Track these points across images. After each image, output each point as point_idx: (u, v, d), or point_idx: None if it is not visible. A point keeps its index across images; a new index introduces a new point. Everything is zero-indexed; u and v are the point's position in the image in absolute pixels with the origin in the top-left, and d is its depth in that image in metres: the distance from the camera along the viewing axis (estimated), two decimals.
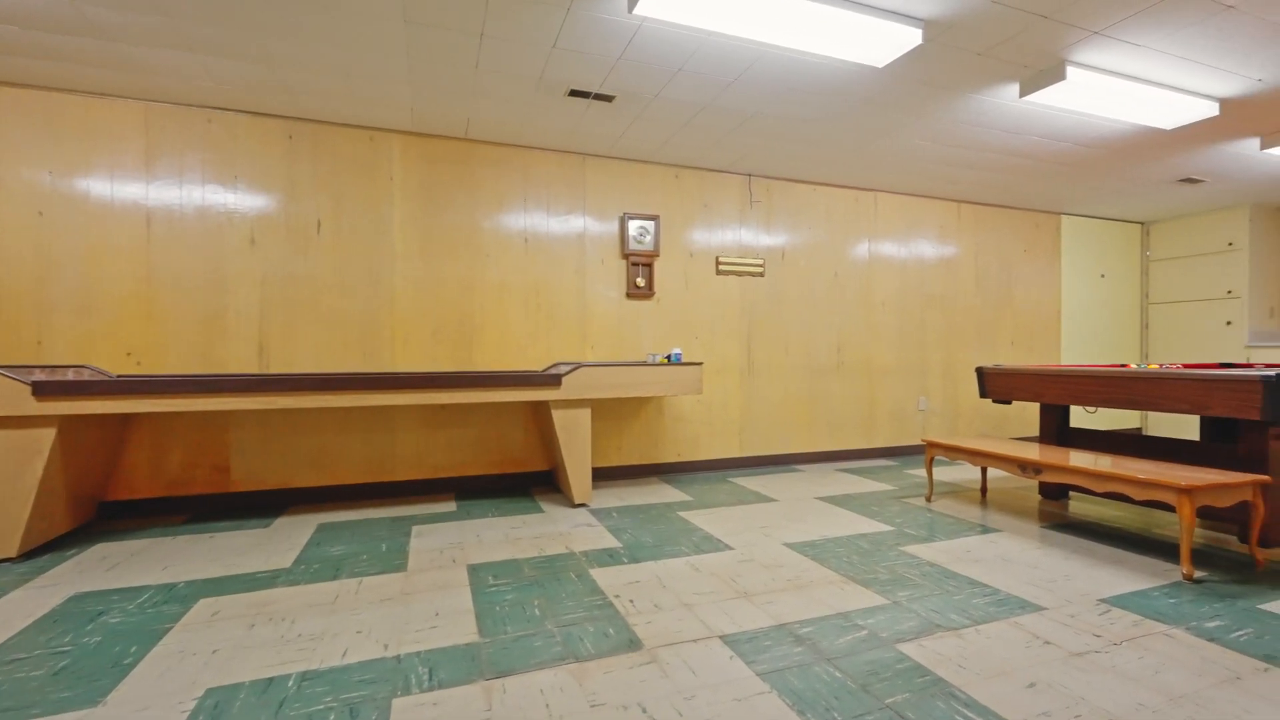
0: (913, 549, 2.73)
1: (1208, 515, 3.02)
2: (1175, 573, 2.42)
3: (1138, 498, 2.50)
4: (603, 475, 4.24)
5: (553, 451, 3.82)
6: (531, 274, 4.08)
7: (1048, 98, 3.07)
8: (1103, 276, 6.15)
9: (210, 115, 3.44)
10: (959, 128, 3.70)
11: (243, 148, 3.50)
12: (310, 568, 2.50)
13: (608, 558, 2.62)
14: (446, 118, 3.57)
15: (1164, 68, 2.91)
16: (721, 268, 4.57)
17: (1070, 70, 2.86)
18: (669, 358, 3.90)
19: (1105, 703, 1.52)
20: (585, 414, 3.46)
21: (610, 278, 4.27)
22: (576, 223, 4.19)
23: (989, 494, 3.80)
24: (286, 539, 2.88)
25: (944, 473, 4.50)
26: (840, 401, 4.98)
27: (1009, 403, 3.67)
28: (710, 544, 2.81)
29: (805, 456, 4.87)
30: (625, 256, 4.30)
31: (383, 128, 3.73)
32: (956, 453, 3.40)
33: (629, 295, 4.31)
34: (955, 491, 3.88)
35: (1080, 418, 6.05)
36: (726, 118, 3.56)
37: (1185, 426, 5.92)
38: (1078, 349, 6.02)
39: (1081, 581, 2.32)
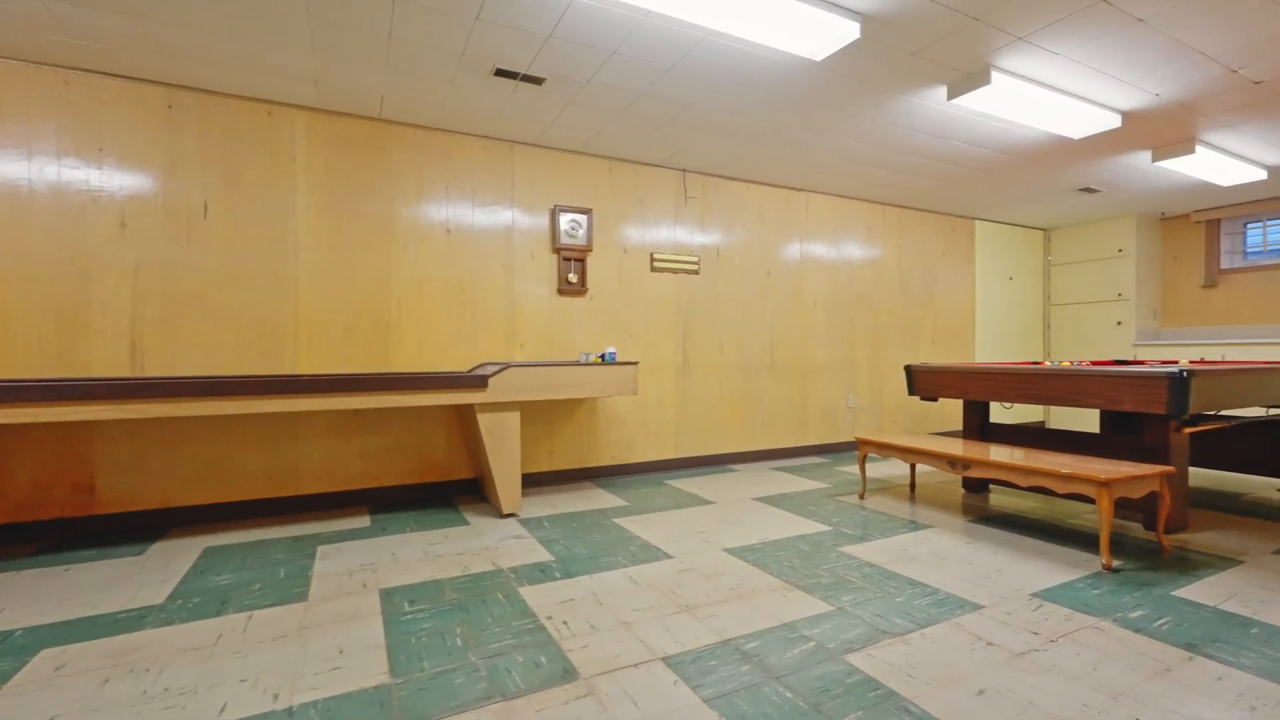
0: (851, 549, 2.70)
1: (1116, 504, 3.19)
2: (1095, 563, 2.51)
3: (1060, 491, 2.57)
4: (534, 482, 4.02)
5: (479, 458, 3.56)
6: (455, 268, 3.80)
7: (973, 102, 3.14)
8: (1011, 279, 6.53)
9: (67, 77, 2.95)
10: (889, 129, 3.76)
11: (111, 116, 3.03)
12: (189, 603, 2.15)
13: (539, 573, 2.43)
14: (358, 94, 3.24)
15: (1077, 78, 3.04)
16: (656, 265, 4.45)
17: (995, 75, 2.93)
18: (603, 357, 3.74)
19: (1052, 705, 1.49)
20: (514, 417, 3.24)
21: (541, 273, 4.06)
22: (504, 215, 3.94)
23: (917, 489, 3.89)
24: (162, 568, 2.49)
25: (874, 469, 4.59)
26: (774, 400, 4.99)
27: (935, 400, 3.76)
28: (648, 553, 2.67)
29: (740, 456, 4.84)
30: (556, 251, 4.10)
31: (284, 101, 3.35)
32: (889, 450, 3.43)
33: (560, 292, 4.11)
34: (886, 487, 3.95)
35: (996, 412, 6.40)
36: (662, 108, 3.44)
37: (1084, 420, 6.38)
38: (990, 347, 6.36)
39: (1012, 576, 2.36)
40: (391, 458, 3.59)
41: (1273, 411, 3.64)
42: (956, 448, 3.17)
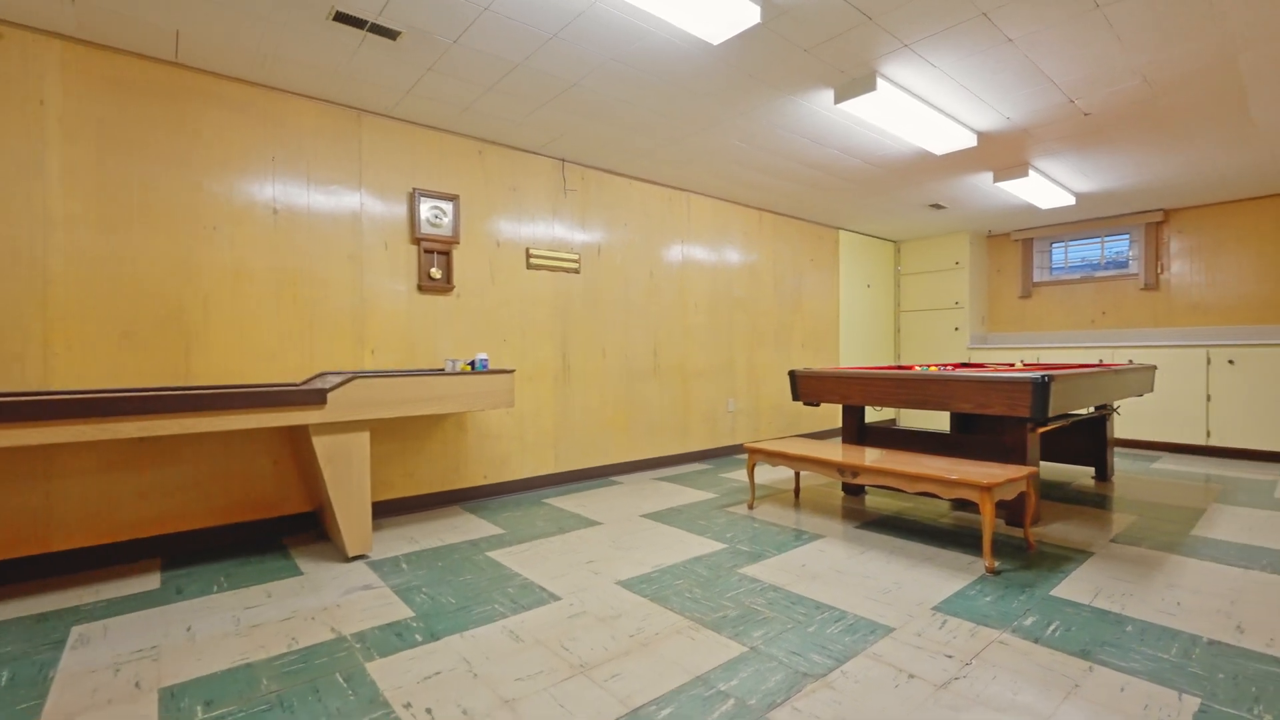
0: (751, 570, 2.53)
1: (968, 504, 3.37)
2: (977, 565, 2.56)
3: (946, 496, 2.60)
4: (389, 510, 3.44)
5: (317, 488, 2.93)
6: (286, 257, 3.11)
7: (857, 108, 3.14)
8: (869, 287, 6.98)
9: None
10: (772, 132, 3.70)
11: None
12: None
13: (395, 638, 1.95)
14: (140, 24, 2.49)
15: (947, 94, 3.16)
16: (533, 261, 4.05)
17: (880, 83, 2.94)
18: (473, 365, 3.27)
19: None
20: (362, 439, 2.68)
21: (397, 267, 3.48)
22: (350, 197, 3.32)
23: (801, 493, 3.88)
24: None
25: (759, 473, 4.56)
26: (657, 406, 4.80)
27: (817, 404, 3.78)
28: (531, 594, 2.29)
29: (624, 467, 4.59)
30: (417, 242, 3.54)
31: (25, 23, 2.48)
32: (778, 459, 3.35)
33: (422, 289, 3.56)
34: (772, 494, 3.90)
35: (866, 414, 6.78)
36: (542, 85, 3.06)
37: (933, 420, 6.98)
38: (852, 351, 6.74)
39: (910, 588, 2.31)
40: (194, 494, 2.84)
41: (1095, 410, 4.11)
42: (844, 454, 3.15)
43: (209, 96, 2.90)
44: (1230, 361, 5.01)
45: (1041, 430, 3.20)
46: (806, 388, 3.73)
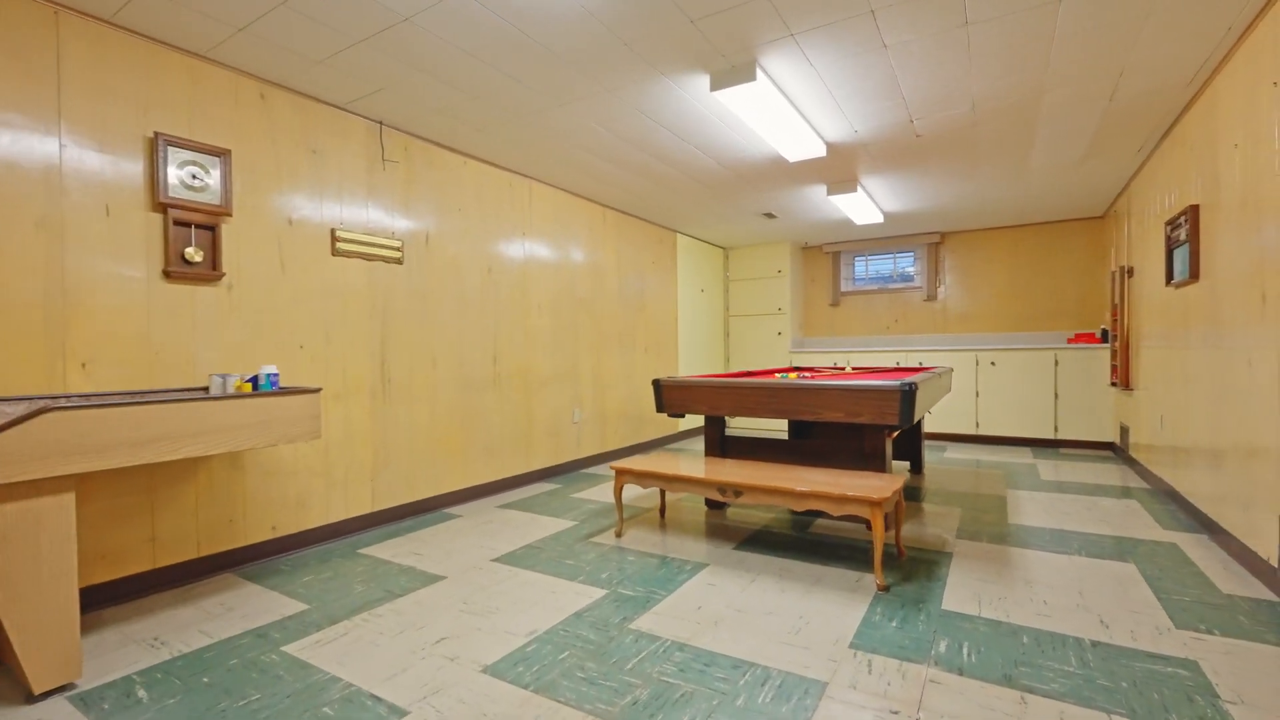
0: (645, 623, 2.13)
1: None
2: (865, 582, 2.47)
3: (835, 514, 2.48)
4: (119, 595, 2.37)
5: None
6: None
7: (731, 99, 2.93)
8: (702, 291, 7.07)
9: None
10: (638, 118, 3.36)
11: None
12: None
13: None
14: None
15: (814, 99, 3.10)
16: (342, 247, 3.19)
17: (760, 74, 2.75)
18: (255, 382, 2.39)
19: None
20: (60, 507, 1.72)
21: (128, 243, 2.43)
22: (40, 135, 2.21)
23: (666, 511, 3.60)
24: None
25: (605, 492, 4.19)
26: (498, 420, 4.18)
27: (682, 416, 3.54)
28: (360, 713, 1.62)
29: (460, 495, 3.89)
30: (162, 209, 2.51)
31: None
32: (650, 479, 3.01)
33: (171, 275, 2.54)
34: (636, 516, 3.56)
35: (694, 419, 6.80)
36: (360, 9, 2.32)
37: (765, 425, 7.28)
38: (688, 355, 6.75)
39: (818, 623, 2.11)
40: None
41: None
42: (722, 471, 2.92)
43: None
44: (993, 363, 5.95)
45: (893, 435, 3.32)
46: (673, 398, 3.46)
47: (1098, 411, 5.52)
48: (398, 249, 3.49)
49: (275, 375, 2.41)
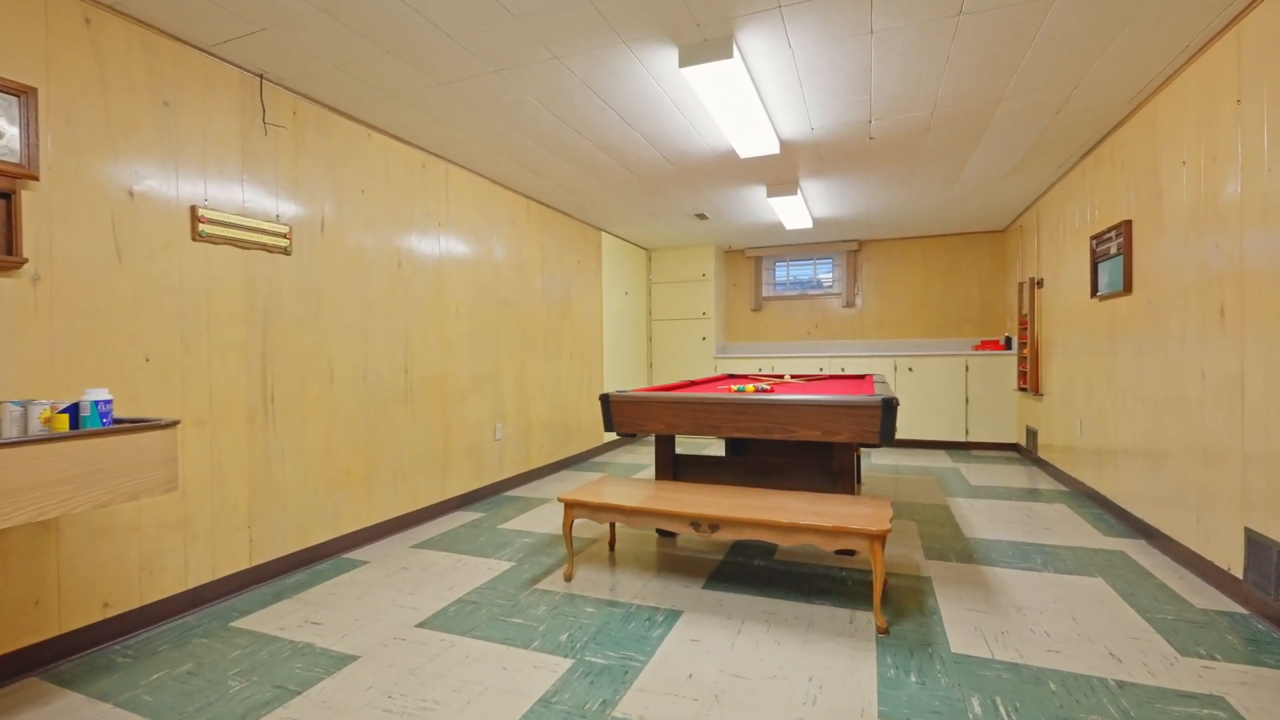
0: (631, 707, 1.72)
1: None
2: (859, 622, 2.23)
3: (828, 548, 2.21)
4: None
5: None
6: None
7: (698, 79, 2.59)
8: (626, 294, 6.72)
9: None
10: (585, 94, 2.93)
11: None
12: None
13: None
14: None
15: (783, 88, 2.84)
16: (207, 230, 2.47)
17: (735, 52, 2.43)
18: (74, 413, 1.70)
19: None
20: None
21: None
22: None
23: (616, 543, 3.19)
24: None
25: (538, 520, 3.71)
26: (410, 441, 3.56)
27: (635, 436, 3.15)
28: None
29: (366, 534, 3.24)
30: None
31: None
32: (607, 513, 2.60)
33: None
34: (580, 548, 3.12)
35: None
36: None
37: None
38: (613, 361, 6.37)
39: (833, 687, 1.81)
40: None
41: None
42: (690, 500, 2.57)
43: None
44: (910, 369, 6.12)
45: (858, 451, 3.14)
46: (625, 416, 3.06)
47: (1004, 415, 5.82)
48: (283, 236, 2.80)
49: (107, 404, 1.72)
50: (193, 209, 2.43)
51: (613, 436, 6.30)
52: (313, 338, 2.94)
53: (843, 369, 6.34)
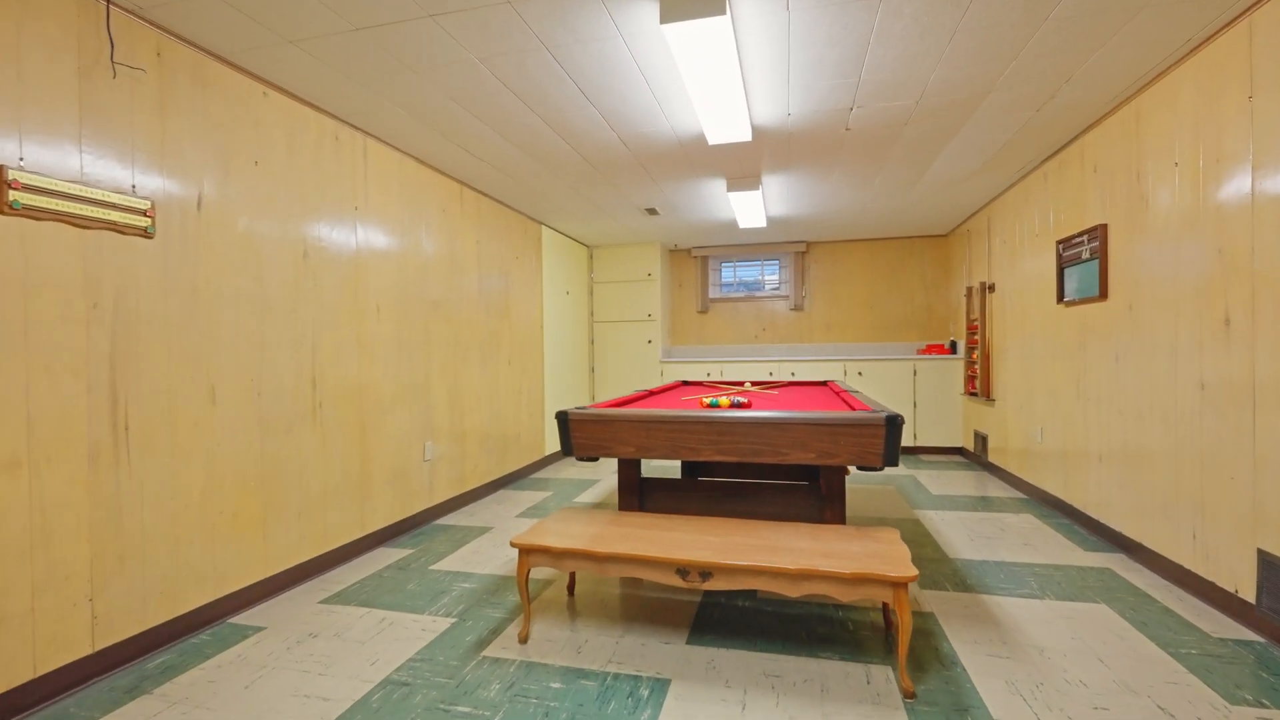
0: None
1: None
2: (879, 681, 1.90)
3: (845, 600, 1.87)
4: None
5: None
6: None
7: (680, 38, 2.19)
8: (567, 294, 6.23)
9: None
10: (538, 56, 2.45)
11: None
12: None
13: None
14: None
15: (770, 62, 2.50)
16: (23, 200, 1.81)
17: (728, 8, 2.05)
18: None
19: None
20: None
21: None
22: None
23: (575, 585, 2.73)
24: None
25: (479, 557, 3.19)
26: (319, 468, 2.94)
27: (596, 459, 2.70)
28: None
29: (261, 590, 2.60)
30: None
31: None
32: (575, 560, 2.14)
33: None
34: (534, 596, 2.64)
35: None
36: None
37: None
38: (554, 366, 5.86)
39: None
40: None
41: None
42: (673, 542, 2.16)
43: None
44: (860, 373, 6.01)
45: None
46: (586, 437, 2.61)
47: (950, 419, 5.82)
48: (143, 214, 2.15)
49: None
50: (1, 169, 1.76)
51: (555, 448, 5.80)
52: (185, 345, 2.29)
53: (793, 374, 6.16)
